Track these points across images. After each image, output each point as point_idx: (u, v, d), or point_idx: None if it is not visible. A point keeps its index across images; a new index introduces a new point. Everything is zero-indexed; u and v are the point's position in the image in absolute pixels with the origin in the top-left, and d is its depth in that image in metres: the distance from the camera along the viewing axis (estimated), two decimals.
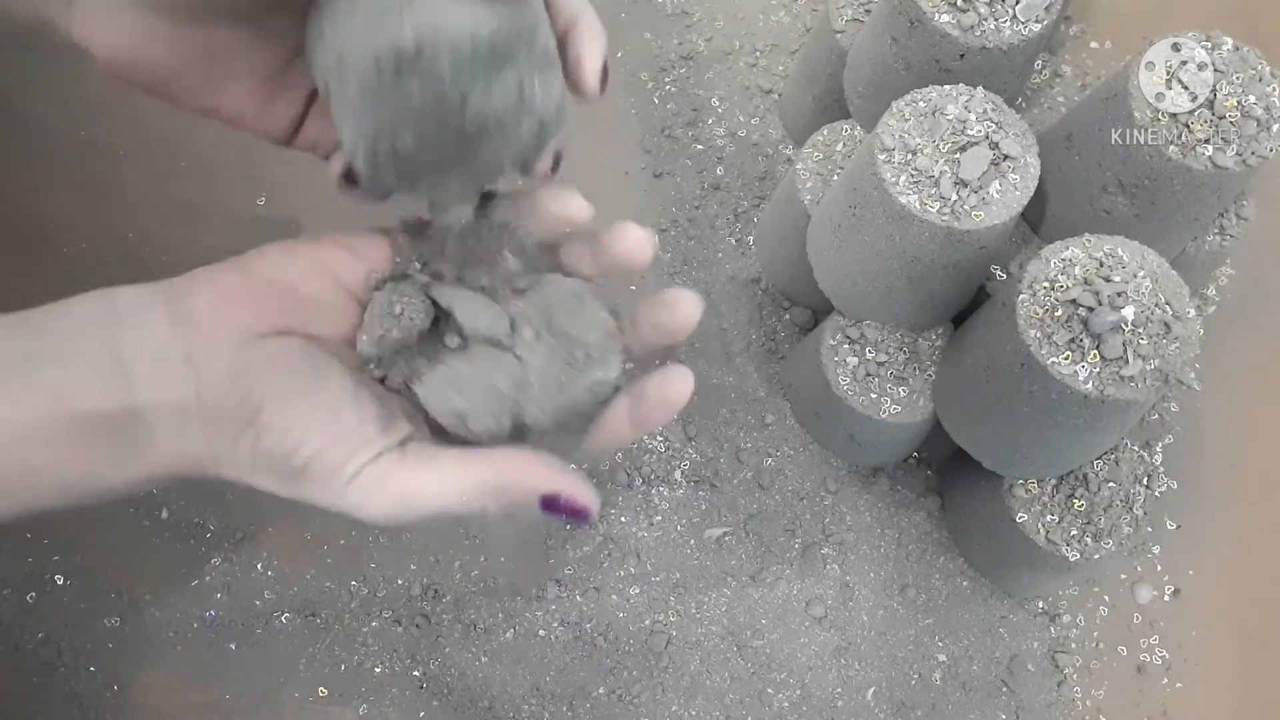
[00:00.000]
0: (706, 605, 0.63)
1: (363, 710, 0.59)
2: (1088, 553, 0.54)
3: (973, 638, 0.63)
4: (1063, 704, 0.62)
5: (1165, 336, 0.45)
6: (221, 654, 0.60)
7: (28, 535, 0.61)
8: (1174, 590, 0.64)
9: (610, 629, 0.62)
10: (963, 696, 0.62)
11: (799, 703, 0.61)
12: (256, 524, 0.62)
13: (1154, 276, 0.46)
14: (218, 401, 0.29)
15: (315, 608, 0.61)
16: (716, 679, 0.61)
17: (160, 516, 0.62)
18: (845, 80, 0.62)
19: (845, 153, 0.61)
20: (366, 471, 0.29)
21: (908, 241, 0.50)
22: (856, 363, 0.58)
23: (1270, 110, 0.48)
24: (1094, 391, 0.45)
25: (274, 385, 0.29)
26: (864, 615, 0.63)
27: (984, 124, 0.49)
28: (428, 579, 0.62)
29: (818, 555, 0.64)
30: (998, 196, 0.48)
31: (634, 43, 0.76)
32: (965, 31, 0.51)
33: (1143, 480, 0.55)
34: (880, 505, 0.65)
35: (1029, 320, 0.46)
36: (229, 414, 0.29)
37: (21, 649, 0.59)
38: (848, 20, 0.62)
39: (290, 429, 0.29)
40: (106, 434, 0.28)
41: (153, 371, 0.28)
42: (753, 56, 0.75)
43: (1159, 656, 0.63)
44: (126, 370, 0.28)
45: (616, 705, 0.60)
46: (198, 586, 0.61)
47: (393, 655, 0.60)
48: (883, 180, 0.49)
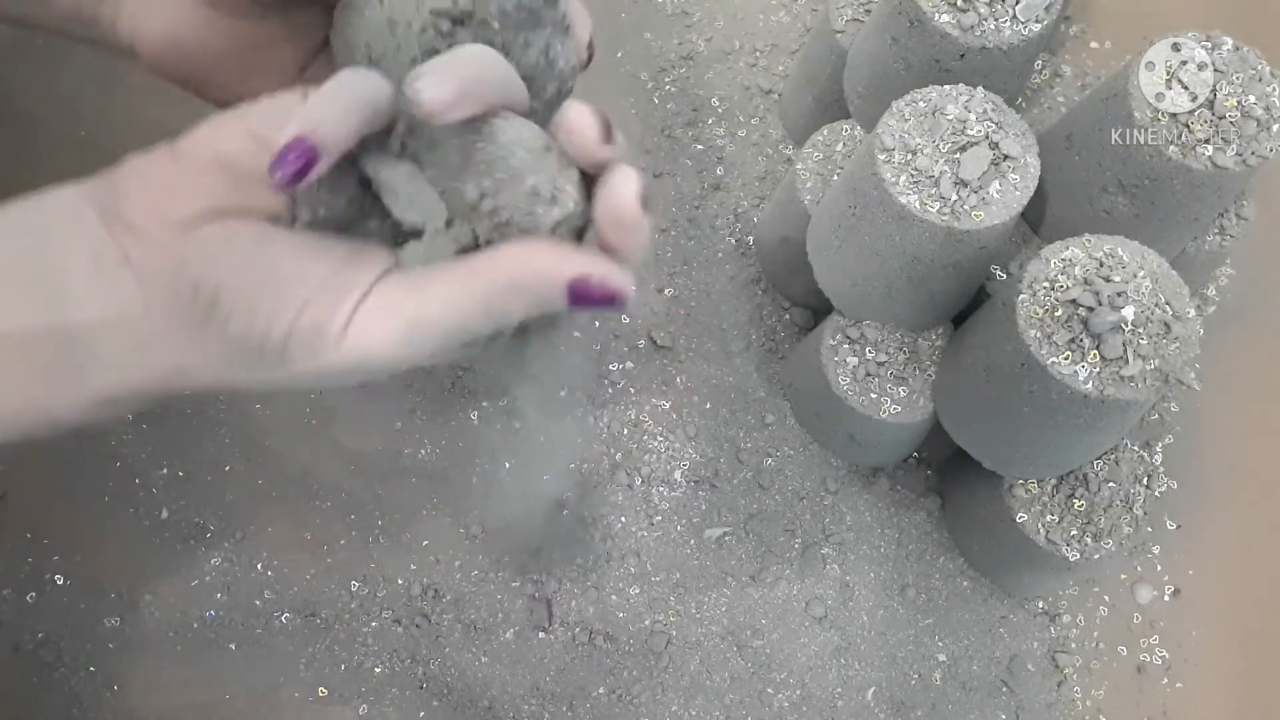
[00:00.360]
0: (706, 605, 0.63)
1: (363, 710, 0.59)
2: (1088, 553, 0.54)
3: (973, 638, 0.63)
4: (1063, 704, 0.62)
5: (1165, 336, 0.45)
6: (221, 654, 0.60)
7: (28, 535, 0.61)
8: (1174, 590, 0.64)
9: (610, 629, 0.62)
10: (963, 696, 0.62)
11: (799, 703, 0.61)
12: (256, 524, 0.62)
13: (1154, 276, 0.46)
14: (166, 300, 0.26)
15: (315, 608, 0.61)
16: (716, 679, 0.61)
17: (160, 516, 0.62)
18: (845, 80, 0.62)
19: (845, 153, 0.61)
20: (359, 317, 0.26)
21: (908, 241, 0.50)
22: (856, 363, 0.58)
23: (1270, 110, 0.48)
24: (1094, 391, 0.45)
25: (224, 265, 0.26)
26: (864, 615, 0.63)
27: (984, 124, 0.49)
28: (428, 579, 0.62)
29: (818, 555, 0.64)
30: (998, 196, 0.48)
31: (634, 43, 0.76)
32: (965, 31, 0.51)
33: (1143, 480, 0.55)
34: (880, 505, 0.65)
35: (1029, 320, 0.46)
36: (182, 310, 0.26)
37: (21, 649, 0.59)
38: (848, 20, 0.62)
39: (256, 304, 0.25)
40: (41, 356, 0.26)
41: (88, 281, 0.26)
42: (753, 56, 0.75)
43: (1159, 656, 0.63)
44: (57, 283, 0.26)
45: (616, 705, 0.60)
46: (198, 586, 0.61)
47: (393, 655, 0.60)
48: (883, 180, 0.49)
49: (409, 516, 0.63)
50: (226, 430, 0.63)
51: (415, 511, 0.63)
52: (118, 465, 0.63)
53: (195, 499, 0.62)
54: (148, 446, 0.63)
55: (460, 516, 0.63)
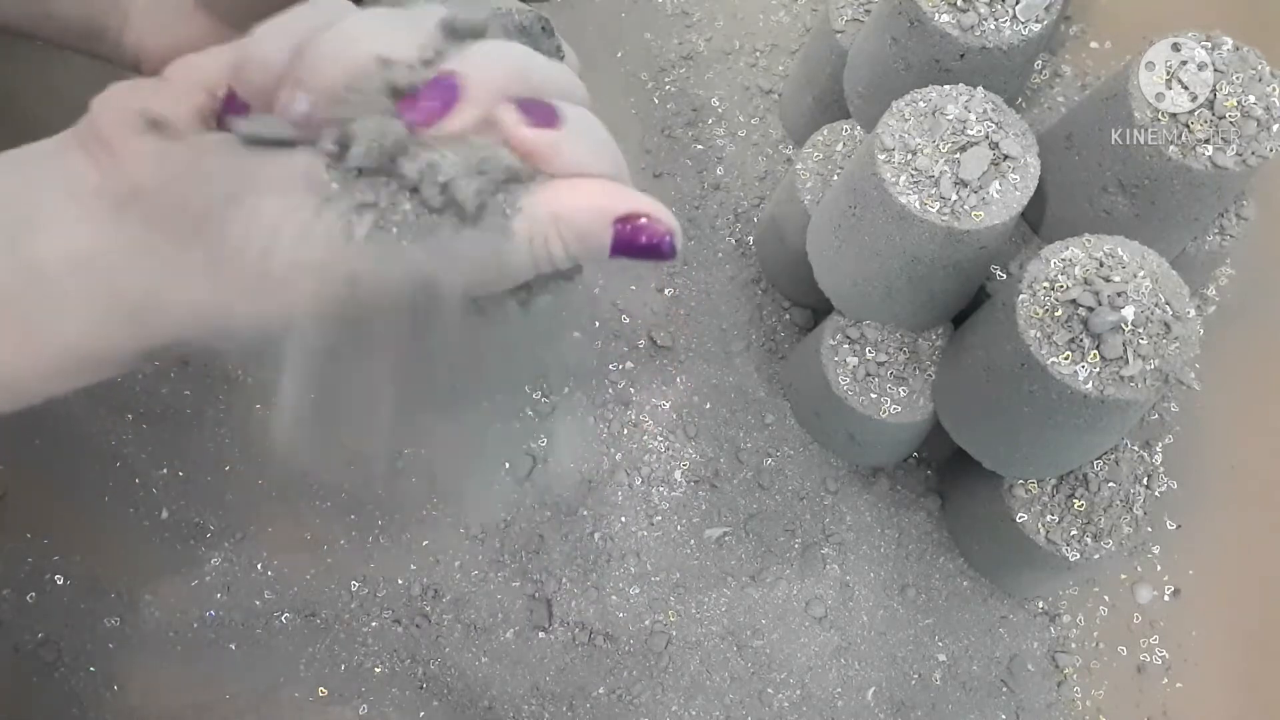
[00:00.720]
0: (706, 605, 0.63)
1: (363, 710, 0.59)
2: (1088, 553, 0.54)
3: (973, 638, 0.63)
4: (1063, 704, 0.62)
5: (1165, 336, 0.45)
6: (221, 654, 0.60)
7: (28, 535, 0.61)
8: (1174, 590, 0.64)
9: (610, 629, 0.62)
10: (963, 696, 0.62)
11: (799, 703, 0.61)
12: (256, 524, 0.62)
13: (1154, 276, 0.46)
14: (145, 217, 0.24)
15: (315, 608, 0.61)
16: (716, 679, 0.61)
17: (160, 516, 0.62)
18: (845, 80, 0.62)
19: (845, 153, 0.61)
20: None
21: (908, 241, 0.50)
22: (856, 363, 0.58)
23: (1270, 110, 0.48)
24: (1094, 391, 0.45)
25: (215, 173, 0.24)
26: (864, 615, 0.63)
27: (984, 124, 0.49)
28: (428, 579, 0.62)
29: (818, 555, 0.64)
30: (998, 196, 0.48)
31: (634, 43, 0.76)
32: (965, 31, 0.51)
33: (1143, 480, 0.55)
34: (880, 505, 0.65)
35: (1029, 320, 0.46)
36: (164, 227, 0.24)
37: (21, 649, 0.59)
38: (848, 20, 0.62)
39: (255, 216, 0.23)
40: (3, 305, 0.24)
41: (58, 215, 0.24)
42: (753, 56, 0.75)
43: (1159, 656, 0.63)
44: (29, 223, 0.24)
45: (616, 705, 0.60)
46: (198, 586, 0.61)
47: (393, 655, 0.60)
48: (883, 180, 0.49)
49: (409, 516, 0.63)
50: (226, 430, 0.64)
51: (415, 511, 0.63)
52: (118, 465, 0.63)
53: (195, 499, 0.62)
54: (148, 446, 0.63)
55: (460, 516, 0.63)
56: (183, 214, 0.24)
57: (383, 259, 0.24)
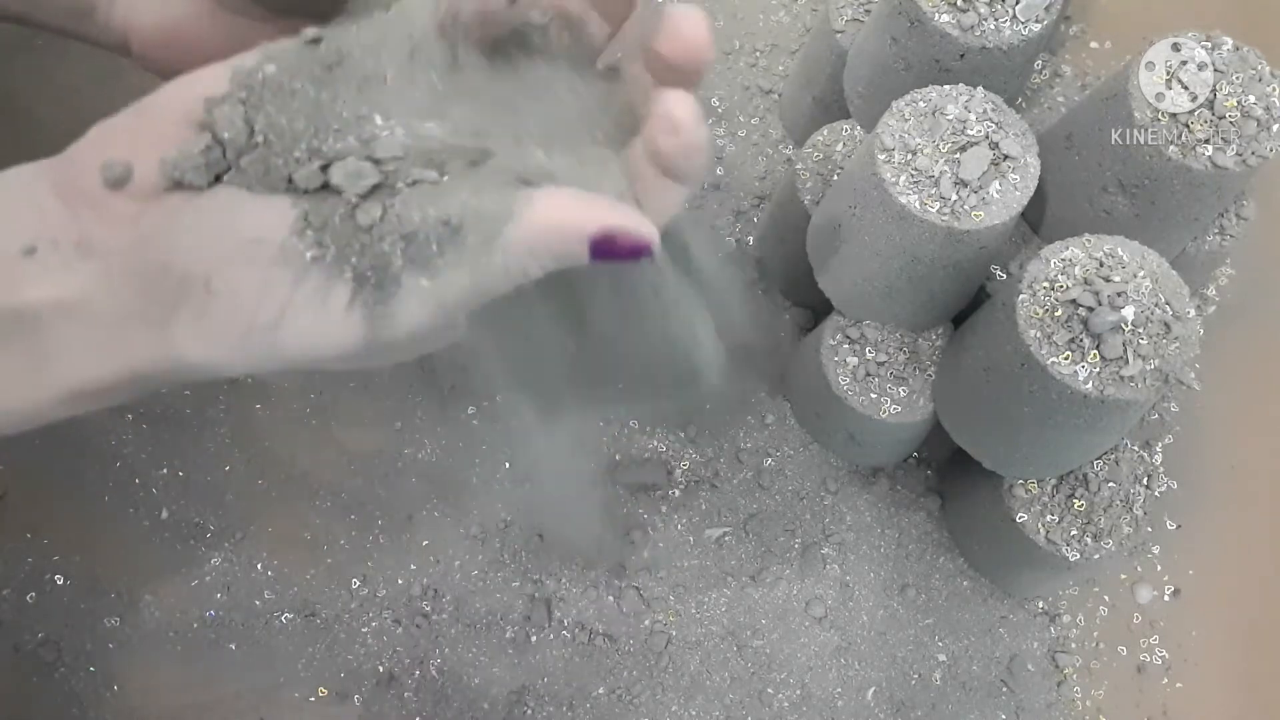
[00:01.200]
0: (706, 605, 0.63)
1: (363, 710, 0.59)
2: (1088, 553, 0.54)
3: (973, 638, 0.63)
4: (1063, 704, 0.62)
5: (1165, 336, 0.45)
6: (221, 654, 0.60)
7: (28, 535, 0.61)
8: (1174, 590, 0.64)
9: (610, 629, 0.62)
10: (963, 696, 0.62)
11: (799, 703, 0.61)
12: (256, 524, 0.62)
13: (1154, 276, 0.46)
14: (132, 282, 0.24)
15: (315, 608, 0.61)
16: (716, 679, 0.61)
17: (160, 516, 0.62)
18: (845, 80, 0.62)
19: (845, 153, 0.61)
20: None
21: (908, 241, 0.50)
22: (856, 363, 0.58)
23: (1270, 110, 0.48)
24: (1094, 391, 0.45)
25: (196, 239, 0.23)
26: (864, 615, 0.63)
27: (984, 124, 0.49)
28: (428, 579, 0.62)
29: (818, 555, 0.64)
30: (998, 196, 0.48)
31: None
32: (965, 31, 0.51)
33: (1143, 480, 0.55)
34: (880, 505, 0.65)
35: (1029, 320, 0.46)
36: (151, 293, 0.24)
37: (21, 649, 0.59)
38: (848, 20, 0.62)
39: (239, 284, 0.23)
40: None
41: (42, 264, 0.24)
42: (753, 56, 0.75)
43: (1159, 656, 0.63)
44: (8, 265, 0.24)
45: (616, 705, 0.60)
46: (198, 586, 0.61)
47: (393, 655, 0.60)
48: (883, 180, 0.49)
49: (409, 516, 0.63)
50: (226, 430, 0.63)
51: (415, 511, 0.63)
52: (118, 465, 0.63)
53: (195, 499, 0.62)
54: (148, 446, 0.63)
55: (460, 516, 0.63)
56: (164, 281, 0.24)
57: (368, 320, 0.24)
